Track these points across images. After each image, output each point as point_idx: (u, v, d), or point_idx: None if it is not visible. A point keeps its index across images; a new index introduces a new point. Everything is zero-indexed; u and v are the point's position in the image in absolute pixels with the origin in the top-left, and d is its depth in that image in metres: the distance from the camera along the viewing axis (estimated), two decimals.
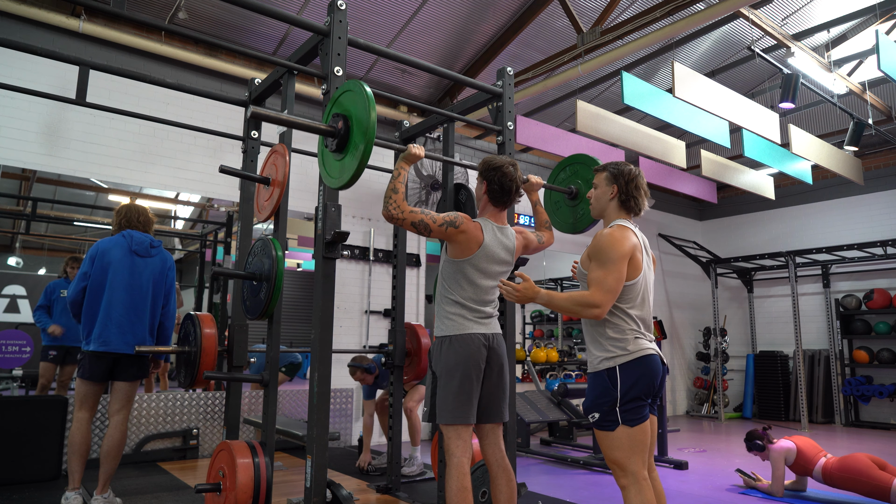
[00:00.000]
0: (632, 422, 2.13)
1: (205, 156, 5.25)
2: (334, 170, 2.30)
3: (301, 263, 6.14)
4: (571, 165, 3.26)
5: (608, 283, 2.12)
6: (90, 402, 3.20)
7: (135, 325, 3.21)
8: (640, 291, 2.23)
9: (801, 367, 7.66)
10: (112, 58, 4.81)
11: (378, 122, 6.29)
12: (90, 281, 3.19)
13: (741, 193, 8.98)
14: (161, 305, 3.36)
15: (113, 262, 3.21)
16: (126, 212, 3.39)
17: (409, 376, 3.87)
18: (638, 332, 2.20)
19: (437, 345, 2.55)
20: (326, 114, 2.37)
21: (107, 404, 3.86)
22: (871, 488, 3.61)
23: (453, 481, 2.37)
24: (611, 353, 2.18)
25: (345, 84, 2.32)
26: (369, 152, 2.12)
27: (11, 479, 3.81)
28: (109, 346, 3.14)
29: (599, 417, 2.16)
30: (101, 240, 3.31)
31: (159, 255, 3.37)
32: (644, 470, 2.15)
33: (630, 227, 2.28)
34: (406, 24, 5.50)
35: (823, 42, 6.20)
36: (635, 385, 2.13)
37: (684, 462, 4.94)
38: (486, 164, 2.61)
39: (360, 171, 2.15)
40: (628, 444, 2.13)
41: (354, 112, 2.20)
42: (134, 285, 3.24)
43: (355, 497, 3.57)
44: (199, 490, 2.65)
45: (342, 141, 2.23)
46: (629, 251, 2.18)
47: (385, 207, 2.39)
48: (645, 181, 2.36)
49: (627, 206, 2.32)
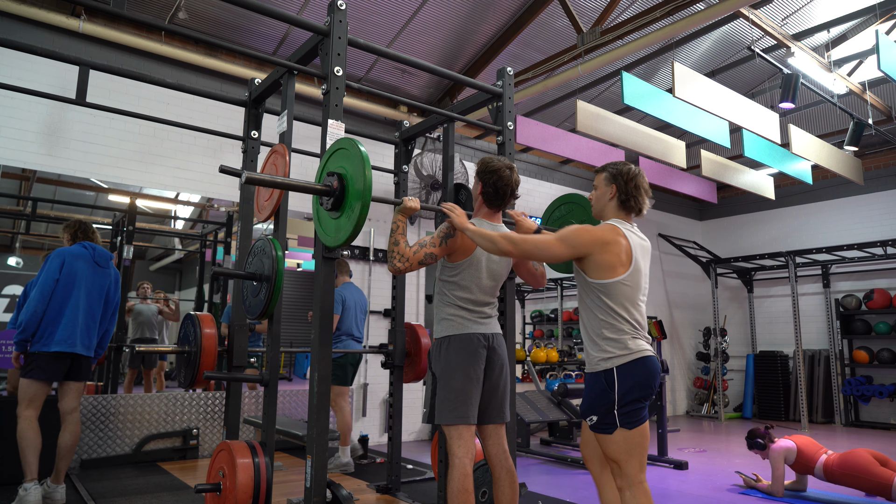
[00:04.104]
0: (630, 424, 2.12)
1: (205, 156, 5.25)
2: (330, 228, 2.30)
3: (301, 263, 6.14)
4: (567, 204, 3.18)
5: (529, 241, 2.19)
6: (39, 400, 3.31)
7: (91, 330, 3.44)
8: (632, 291, 2.21)
9: (801, 367, 7.66)
10: (112, 58, 4.81)
11: (378, 122, 6.29)
12: (57, 286, 3.34)
13: (741, 193, 8.98)
14: (110, 314, 3.61)
15: (79, 271, 3.41)
16: (80, 225, 3.60)
17: (409, 376, 3.87)
18: (635, 333, 2.19)
19: (437, 345, 2.55)
20: (320, 171, 2.36)
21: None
22: (872, 485, 3.61)
23: (455, 483, 2.37)
24: (608, 354, 2.17)
25: (338, 142, 2.30)
26: (366, 213, 2.11)
27: (11, 480, 3.81)
28: (74, 347, 3.32)
29: (597, 420, 2.16)
30: (65, 248, 3.48)
31: (112, 268, 3.63)
32: (642, 473, 2.14)
33: (623, 226, 2.26)
34: (406, 24, 5.50)
35: (823, 42, 6.20)
36: (633, 387, 2.12)
37: (684, 462, 4.94)
38: (483, 166, 2.61)
39: (358, 231, 2.15)
40: (625, 446, 2.12)
41: (349, 170, 2.18)
42: (93, 294, 3.46)
43: (355, 497, 3.57)
44: (199, 490, 2.65)
45: (338, 200, 2.22)
46: (595, 240, 2.18)
47: (391, 263, 2.41)
48: (646, 181, 2.34)
49: (627, 206, 2.31)
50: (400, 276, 3.94)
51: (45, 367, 3.27)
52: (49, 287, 3.30)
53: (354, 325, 4.67)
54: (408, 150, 3.99)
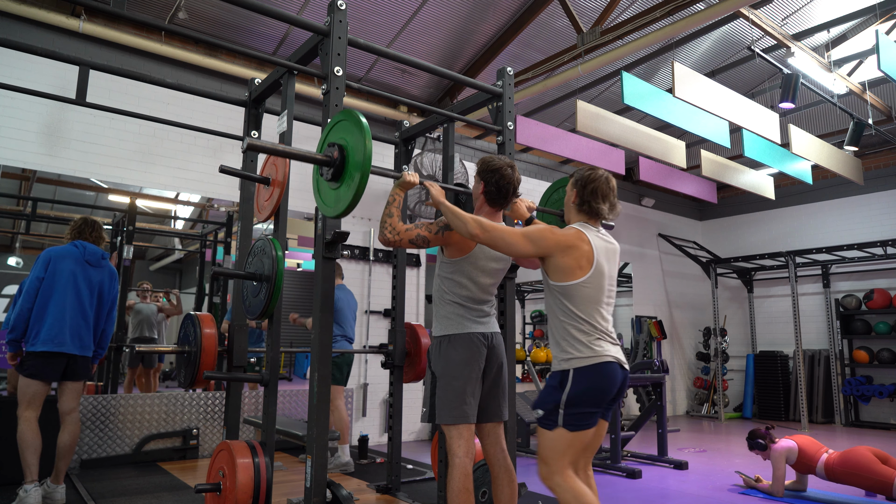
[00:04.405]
0: (572, 426, 2.14)
1: (205, 156, 5.25)
2: (330, 198, 2.31)
3: (301, 263, 6.14)
4: (565, 187, 3.21)
5: (497, 230, 2.24)
6: (38, 401, 3.30)
7: (83, 329, 3.40)
8: (593, 294, 2.23)
9: (801, 367, 7.66)
10: (112, 58, 4.81)
11: (378, 122, 6.29)
12: (42, 285, 3.33)
13: (741, 193, 8.98)
14: (106, 313, 3.57)
15: (65, 270, 3.38)
16: (81, 224, 3.59)
17: (409, 376, 3.87)
18: (597, 336, 2.21)
19: (436, 344, 2.55)
20: (321, 142, 2.37)
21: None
22: (873, 483, 3.62)
23: (455, 482, 2.37)
24: (567, 355, 2.20)
25: (339, 114, 2.32)
26: (365, 182, 2.13)
27: (12, 480, 3.80)
28: (63, 347, 3.30)
29: (542, 415, 2.21)
30: (53, 248, 3.46)
31: (107, 267, 3.59)
32: (568, 469, 2.17)
33: (587, 231, 2.29)
34: (406, 24, 5.50)
35: (823, 42, 6.20)
36: (584, 393, 2.15)
37: (684, 462, 4.94)
38: (484, 165, 2.60)
39: (357, 201, 2.16)
40: (561, 446, 2.15)
41: (350, 142, 2.20)
42: (84, 293, 3.42)
43: (355, 497, 3.57)
44: (199, 490, 2.65)
45: (338, 170, 2.24)
46: (557, 243, 2.22)
47: (381, 233, 2.45)
48: (607, 186, 2.34)
49: (587, 211, 2.34)
50: (400, 276, 3.95)
51: (39, 367, 3.26)
52: (34, 286, 3.30)
53: (348, 327, 4.74)
54: (408, 150, 3.99)
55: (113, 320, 3.64)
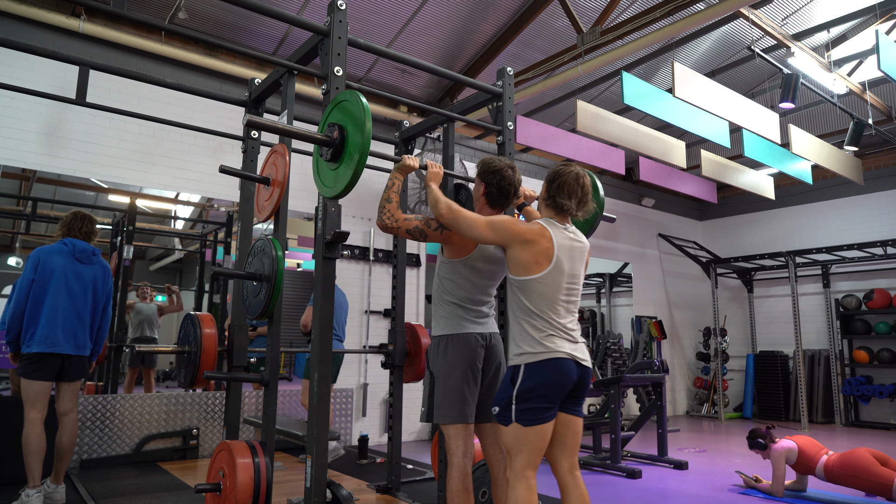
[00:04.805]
0: (525, 422, 2.15)
1: (205, 156, 5.25)
2: (329, 179, 2.32)
3: (301, 263, 6.14)
4: None
5: (463, 214, 2.28)
6: (42, 400, 3.26)
7: (77, 328, 3.35)
8: (550, 290, 2.23)
9: (801, 367, 7.66)
10: (112, 58, 4.81)
11: (378, 122, 6.29)
12: (33, 286, 3.29)
13: (741, 193, 8.98)
14: (101, 310, 3.51)
15: (56, 268, 3.33)
16: (71, 220, 3.53)
17: (409, 376, 3.87)
18: (552, 332, 2.20)
19: (435, 344, 2.55)
20: (322, 123, 2.38)
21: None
22: (873, 485, 3.61)
23: (454, 482, 2.37)
24: (520, 350, 2.22)
25: (340, 94, 2.33)
26: (364, 162, 2.14)
27: (12, 480, 3.81)
28: (56, 347, 3.25)
29: (497, 411, 2.22)
30: (43, 247, 3.41)
31: (99, 262, 3.52)
32: (529, 470, 2.17)
33: (551, 227, 2.29)
34: (406, 24, 5.50)
35: (823, 42, 6.20)
36: (536, 388, 2.15)
37: (684, 462, 4.94)
38: (484, 166, 2.60)
39: (355, 181, 2.17)
40: (516, 441, 2.17)
41: (350, 122, 2.22)
42: (77, 291, 3.36)
43: (355, 497, 3.57)
44: (199, 490, 2.65)
45: (337, 150, 2.25)
46: (517, 236, 2.24)
47: (379, 218, 2.44)
48: (577, 184, 2.31)
49: (553, 206, 2.34)
50: (400, 276, 3.95)
51: (36, 367, 3.23)
52: (25, 287, 3.27)
53: (339, 326, 4.83)
54: (408, 149, 4.00)
55: (108, 317, 3.58)
